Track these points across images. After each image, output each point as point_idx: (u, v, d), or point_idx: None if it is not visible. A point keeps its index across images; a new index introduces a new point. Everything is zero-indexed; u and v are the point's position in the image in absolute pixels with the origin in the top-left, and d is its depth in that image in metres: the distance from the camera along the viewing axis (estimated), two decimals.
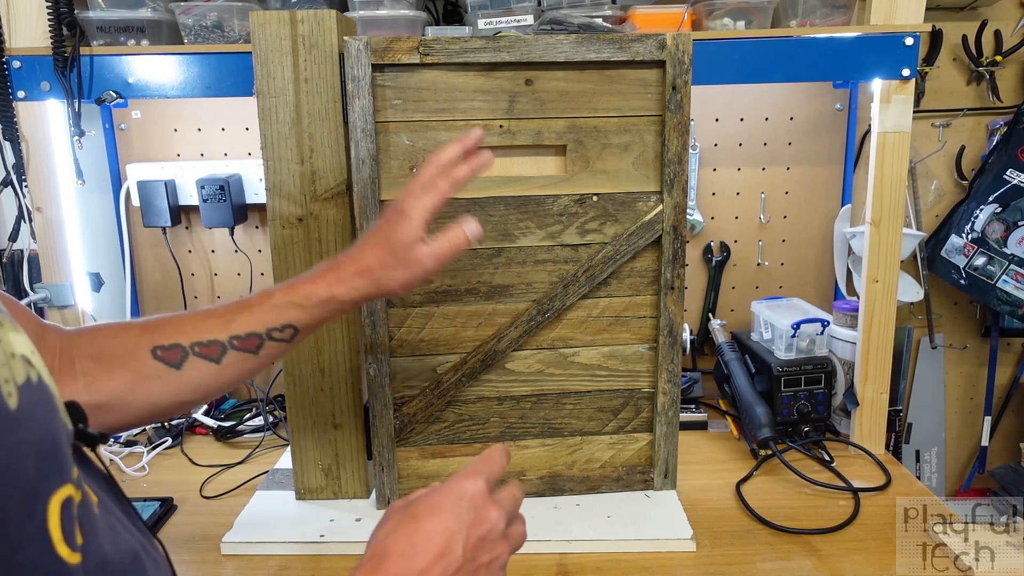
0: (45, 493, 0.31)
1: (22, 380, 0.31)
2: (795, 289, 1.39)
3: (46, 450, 0.32)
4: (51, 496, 0.31)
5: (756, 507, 0.95)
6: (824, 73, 1.01)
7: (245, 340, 0.66)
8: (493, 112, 0.88)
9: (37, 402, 0.32)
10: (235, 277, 1.36)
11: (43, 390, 0.33)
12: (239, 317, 0.66)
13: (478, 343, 0.93)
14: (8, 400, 0.30)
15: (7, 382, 0.30)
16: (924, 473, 1.49)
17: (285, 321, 0.67)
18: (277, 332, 0.67)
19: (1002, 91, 1.32)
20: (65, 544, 0.32)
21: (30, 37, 0.98)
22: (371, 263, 0.69)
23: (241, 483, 1.06)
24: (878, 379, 1.09)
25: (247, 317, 0.66)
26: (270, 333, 0.67)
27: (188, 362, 0.64)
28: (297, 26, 0.85)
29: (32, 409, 0.31)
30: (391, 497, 0.95)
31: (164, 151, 1.31)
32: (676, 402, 0.97)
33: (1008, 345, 1.45)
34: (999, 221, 1.28)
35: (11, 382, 0.30)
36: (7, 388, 0.30)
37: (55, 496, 0.32)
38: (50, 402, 0.34)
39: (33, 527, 0.30)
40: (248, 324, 0.66)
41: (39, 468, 0.31)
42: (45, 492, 0.31)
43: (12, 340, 0.32)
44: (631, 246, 0.91)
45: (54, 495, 0.32)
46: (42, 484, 0.31)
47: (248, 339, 0.66)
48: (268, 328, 0.67)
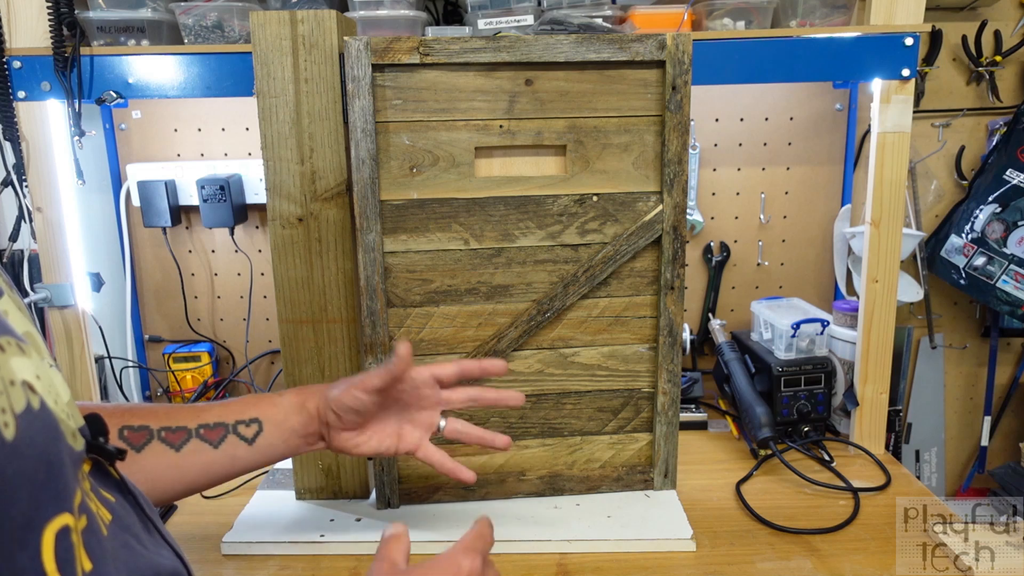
0: (39, 523, 0.31)
1: (21, 408, 0.31)
2: (795, 289, 1.39)
3: (43, 479, 0.31)
4: (46, 526, 0.31)
5: (756, 507, 0.95)
6: (824, 73, 1.01)
7: (211, 430, 0.67)
8: (493, 112, 0.88)
9: (37, 430, 0.32)
10: (235, 277, 1.36)
11: (45, 416, 0.33)
12: (214, 409, 0.68)
13: (478, 343, 0.93)
14: (4, 431, 0.29)
15: (4, 411, 0.30)
16: (924, 473, 1.49)
17: (254, 415, 0.68)
18: (243, 426, 0.68)
19: (1002, 91, 1.32)
20: (59, 575, 0.31)
21: (30, 37, 0.98)
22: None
23: (241, 483, 1.05)
24: (878, 379, 1.09)
25: (220, 409, 0.68)
26: (236, 426, 0.68)
27: (149, 446, 0.64)
28: (297, 26, 0.85)
29: (31, 438, 0.31)
30: (391, 497, 0.96)
31: (164, 151, 1.31)
32: (676, 402, 0.97)
33: (1008, 345, 1.45)
34: (999, 221, 1.28)
35: (8, 411, 0.30)
36: (3, 418, 0.30)
37: (50, 525, 0.31)
38: (53, 428, 0.33)
39: (25, 558, 0.30)
40: (219, 415, 0.68)
41: (34, 498, 0.30)
42: (39, 522, 0.31)
43: (14, 366, 0.32)
44: (631, 246, 0.91)
45: (49, 524, 0.31)
46: (36, 514, 0.31)
47: (215, 429, 0.67)
48: (236, 420, 0.68)
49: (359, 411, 0.72)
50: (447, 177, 0.89)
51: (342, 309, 0.93)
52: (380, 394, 0.73)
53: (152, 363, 1.37)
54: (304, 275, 0.92)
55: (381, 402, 0.74)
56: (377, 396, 0.73)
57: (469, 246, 0.91)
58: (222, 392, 1.35)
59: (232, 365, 1.39)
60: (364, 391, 0.71)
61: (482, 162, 0.90)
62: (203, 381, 1.33)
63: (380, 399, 0.74)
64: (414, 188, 0.89)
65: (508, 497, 0.98)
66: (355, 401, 0.71)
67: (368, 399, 0.72)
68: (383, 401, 0.75)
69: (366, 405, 0.72)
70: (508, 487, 0.98)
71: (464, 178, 0.89)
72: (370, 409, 0.73)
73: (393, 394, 0.75)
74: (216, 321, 1.38)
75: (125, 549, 0.39)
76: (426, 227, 0.90)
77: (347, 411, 0.72)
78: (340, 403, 0.72)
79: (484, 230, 0.91)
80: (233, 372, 1.38)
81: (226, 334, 1.39)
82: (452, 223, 0.90)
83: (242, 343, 1.37)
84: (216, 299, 1.37)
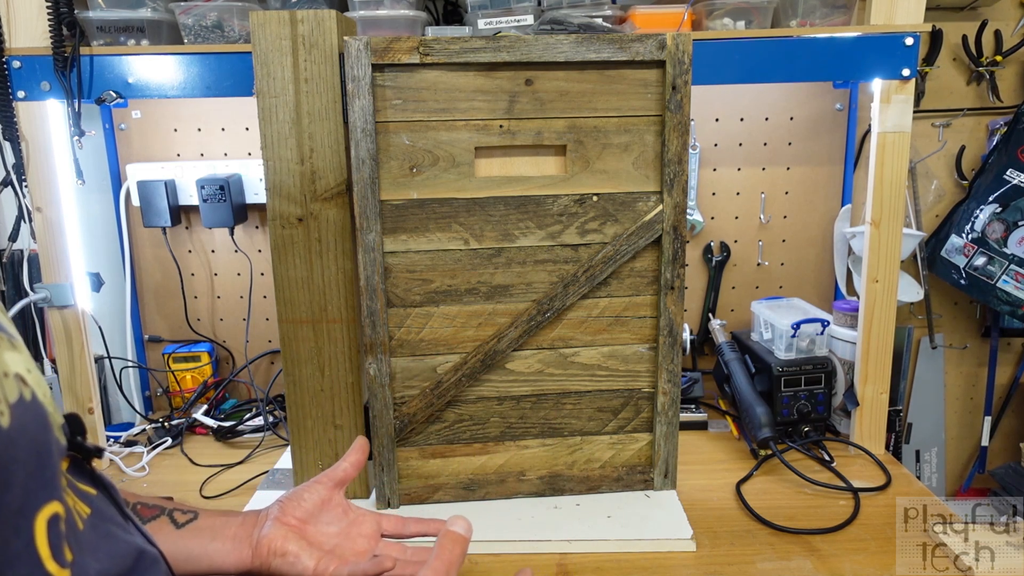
0: (31, 510, 0.31)
1: (15, 398, 0.32)
2: (795, 289, 1.39)
3: (35, 467, 0.32)
4: (37, 512, 0.32)
5: (756, 507, 0.95)
6: (824, 73, 1.01)
7: (149, 508, 0.65)
8: (493, 112, 0.88)
9: (29, 420, 0.32)
10: (235, 277, 1.36)
11: (36, 408, 0.34)
12: (153, 498, 0.67)
13: (478, 343, 0.93)
14: (0, 420, 0.30)
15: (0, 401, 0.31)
16: (924, 473, 1.49)
17: (192, 508, 0.67)
18: (179, 513, 0.66)
19: (1002, 91, 1.32)
20: (54, 560, 0.32)
21: (30, 37, 0.98)
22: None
23: (241, 483, 1.06)
24: (878, 379, 1.09)
25: (162, 500, 0.67)
26: (172, 512, 0.66)
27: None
28: (297, 26, 0.85)
29: (24, 427, 0.32)
30: (391, 497, 0.96)
31: (164, 151, 1.31)
32: (676, 402, 0.97)
33: (1008, 345, 1.45)
34: (999, 221, 1.28)
35: (3, 401, 0.31)
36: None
37: (41, 512, 0.32)
38: (43, 419, 0.34)
39: (20, 544, 0.30)
40: (159, 502, 0.66)
41: (27, 485, 0.31)
42: (31, 509, 0.32)
43: (7, 359, 0.33)
44: (631, 246, 0.91)
45: (40, 511, 0.32)
46: (28, 501, 0.31)
47: (152, 508, 0.65)
48: (172, 508, 0.66)
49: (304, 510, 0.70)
50: (447, 177, 0.89)
51: (342, 309, 0.93)
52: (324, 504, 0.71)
53: (152, 363, 1.37)
54: (304, 275, 0.92)
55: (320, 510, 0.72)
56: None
57: (469, 246, 0.91)
58: (222, 392, 1.35)
59: (232, 365, 1.39)
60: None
61: (482, 162, 0.90)
62: (203, 381, 1.33)
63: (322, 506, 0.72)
64: (414, 188, 0.89)
65: (508, 497, 0.98)
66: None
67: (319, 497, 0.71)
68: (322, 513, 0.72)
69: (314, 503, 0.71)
70: (508, 487, 0.98)
71: (464, 178, 0.89)
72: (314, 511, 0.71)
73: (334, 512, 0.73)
74: (216, 321, 1.38)
75: (107, 539, 0.40)
76: (426, 227, 0.90)
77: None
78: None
79: (484, 230, 0.91)
80: (233, 372, 1.38)
81: (226, 334, 1.39)
82: (452, 223, 0.90)
83: (242, 343, 1.37)
84: (216, 299, 1.37)
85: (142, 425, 1.27)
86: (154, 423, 1.25)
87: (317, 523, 0.71)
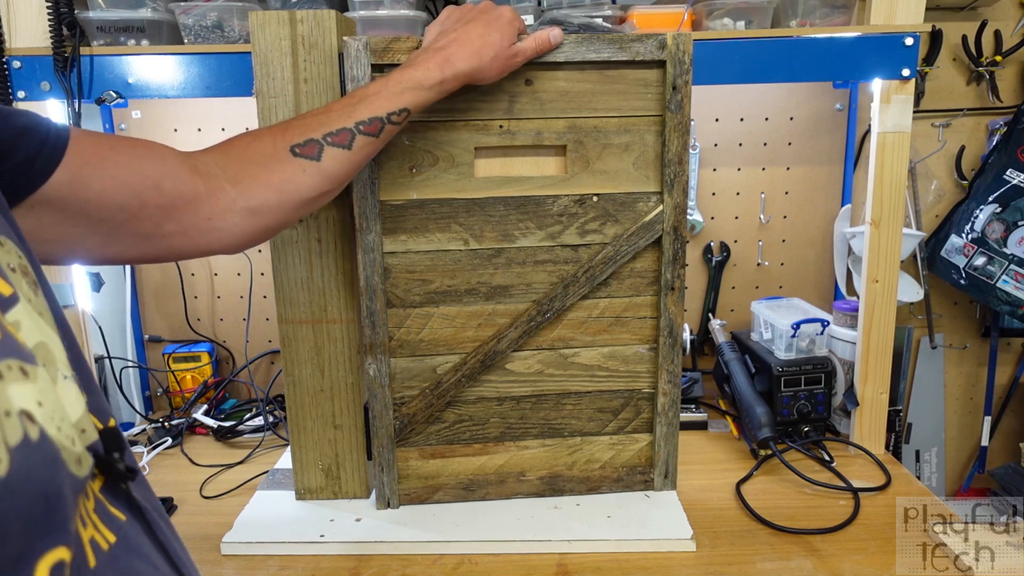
0: (32, 557, 0.30)
1: (17, 441, 0.30)
2: (795, 289, 1.39)
3: (41, 512, 0.30)
4: (38, 560, 0.30)
5: (756, 507, 0.95)
6: (824, 73, 1.01)
7: (369, 124, 0.72)
8: (493, 112, 0.88)
9: (34, 463, 0.30)
10: (235, 277, 1.36)
11: (44, 447, 0.31)
12: (360, 106, 0.72)
13: (478, 343, 0.93)
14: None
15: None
16: (924, 473, 1.49)
17: (402, 105, 0.73)
18: (395, 116, 0.73)
19: (1002, 91, 1.32)
20: None
21: (30, 37, 0.98)
22: (476, 49, 0.77)
23: (241, 483, 1.06)
24: (878, 379, 1.09)
25: (367, 105, 0.72)
26: (390, 117, 0.73)
27: (325, 152, 0.70)
28: (297, 26, 0.85)
29: (27, 472, 0.30)
30: (391, 497, 0.96)
31: None
32: (676, 402, 0.97)
33: (1008, 345, 1.45)
34: (999, 221, 1.28)
35: (1, 446, 0.29)
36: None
37: (43, 560, 0.30)
38: (52, 458, 0.32)
39: None
40: (370, 110, 0.72)
41: (27, 533, 0.29)
42: (32, 556, 0.30)
43: (12, 394, 0.31)
44: (631, 246, 0.91)
45: (42, 559, 0.30)
46: (30, 548, 0.30)
47: (372, 123, 0.72)
48: (388, 112, 0.73)
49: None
50: (447, 177, 0.89)
51: (342, 309, 0.93)
52: None
53: (152, 363, 1.37)
54: (304, 275, 0.92)
55: None
56: None
57: (469, 246, 0.91)
58: (222, 392, 1.35)
59: (232, 365, 1.39)
60: None
61: (482, 162, 0.90)
62: (203, 381, 1.33)
63: None
64: (414, 188, 0.89)
65: (508, 497, 0.98)
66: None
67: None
68: None
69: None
70: (508, 487, 0.98)
71: (464, 178, 0.89)
72: None
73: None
74: (216, 321, 1.38)
75: (126, 574, 0.38)
76: (426, 227, 0.90)
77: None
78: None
79: (484, 230, 0.91)
80: (233, 372, 1.38)
81: (226, 334, 1.39)
82: (452, 223, 0.90)
83: (242, 343, 1.37)
84: (216, 299, 1.37)
85: (142, 425, 1.27)
86: (154, 423, 1.25)
87: None
